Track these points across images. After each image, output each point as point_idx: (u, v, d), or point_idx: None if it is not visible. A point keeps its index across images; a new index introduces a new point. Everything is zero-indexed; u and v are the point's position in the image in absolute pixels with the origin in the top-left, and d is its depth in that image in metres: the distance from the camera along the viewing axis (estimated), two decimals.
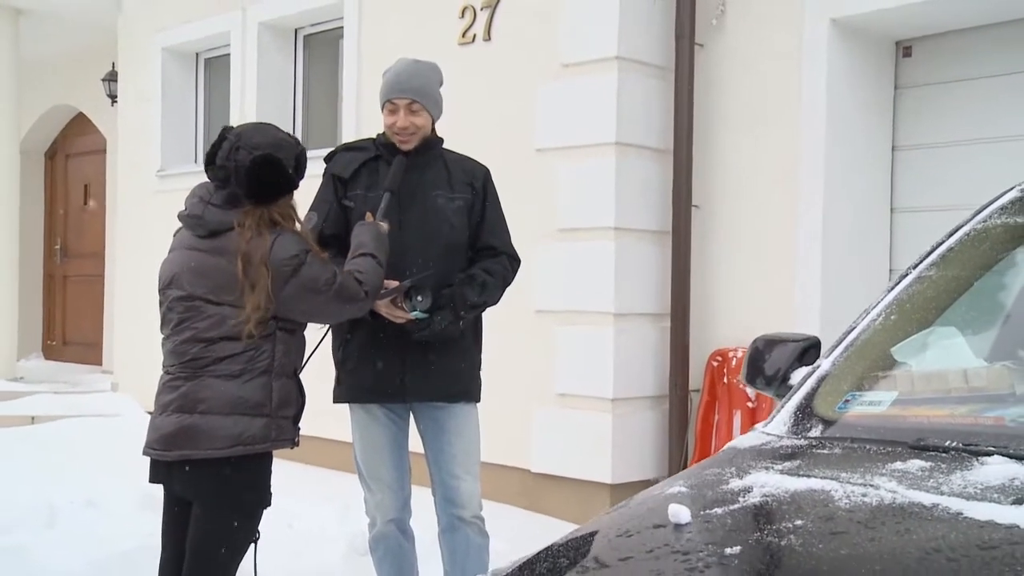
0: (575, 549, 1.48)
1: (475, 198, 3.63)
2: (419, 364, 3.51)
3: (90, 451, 6.27)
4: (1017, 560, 1.18)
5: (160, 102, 8.63)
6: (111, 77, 9.67)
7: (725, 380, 5.42)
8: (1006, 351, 1.96)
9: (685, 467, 5.50)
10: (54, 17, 9.66)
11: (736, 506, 1.48)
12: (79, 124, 11.27)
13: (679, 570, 1.30)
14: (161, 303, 3.20)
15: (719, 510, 1.49)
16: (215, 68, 8.65)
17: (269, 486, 3.19)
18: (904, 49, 5.50)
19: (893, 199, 5.51)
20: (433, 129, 3.67)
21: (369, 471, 3.62)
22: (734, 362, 5.38)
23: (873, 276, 5.42)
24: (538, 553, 1.51)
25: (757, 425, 1.97)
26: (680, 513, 1.48)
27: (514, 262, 3.72)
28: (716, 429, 5.49)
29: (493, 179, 3.73)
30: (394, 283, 3.39)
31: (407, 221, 3.52)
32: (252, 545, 3.20)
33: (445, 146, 3.71)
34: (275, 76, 7.82)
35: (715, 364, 5.48)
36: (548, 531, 5.36)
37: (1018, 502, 1.34)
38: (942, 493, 1.41)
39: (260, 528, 3.20)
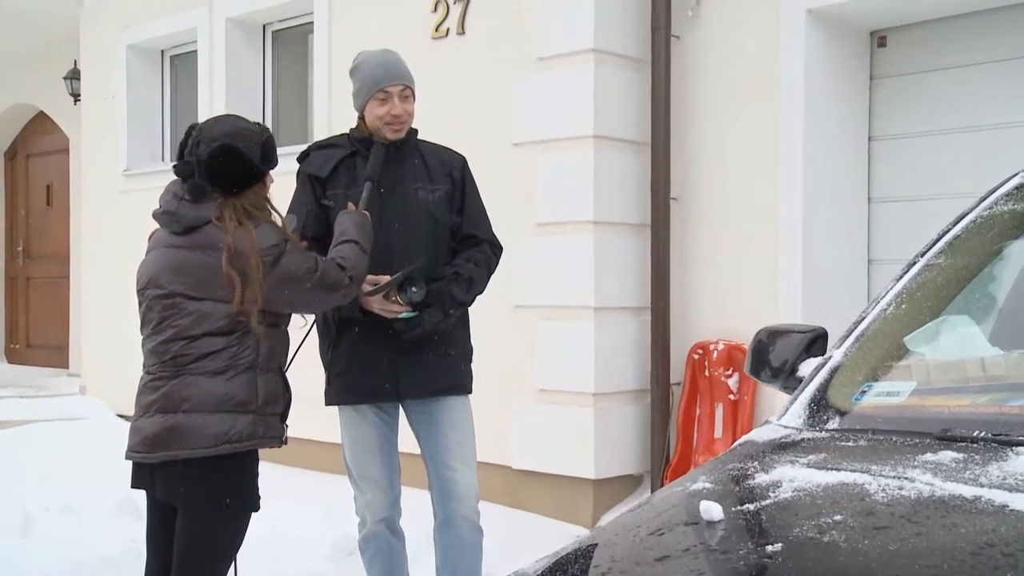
0: (607, 549, 1.44)
1: (454, 188, 3.60)
2: (411, 361, 3.47)
3: (61, 456, 6.16)
4: None
5: (125, 100, 8.49)
6: (73, 75, 9.51)
7: (707, 373, 5.41)
8: (1018, 339, 1.94)
9: (668, 461, 5.49)
10: (11, 12, 9.45)
11: (768, 502, 1.45)
12: (40, 123, 11.07)
13: (723, 569, 1.27)
14: (140, 304, 3.14)
15: (750, 506, 1.46)
16: (182, 65, 8.52)
17: (256, 488, 3.12)
18: (879, 39, 5.51)
19: (870, 189, 5.52)
20: None
21: (359, 471, 3.57)
22: (715, 355, 5.37)
23: (853, 266, 5.43)
24: (568, 554, 1.46)
25: (771, 418, 1.94)
26: (712, 510, 1.44)
27: (496, 249, 3.69)
28: (698, 422, 5.48)
29: (469, 167, 3.70)
30: (385, 278, 3.34)
31: (388, 216, 3.48)
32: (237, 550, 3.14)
33: (420, 138, 3.67)
34: (244, 73, 7.71)
35: (696, 357, 5.47)
36: (532, 528, 5.34)
37: None
38: (982, 485, 1.38)
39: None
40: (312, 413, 3.92)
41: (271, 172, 3.18)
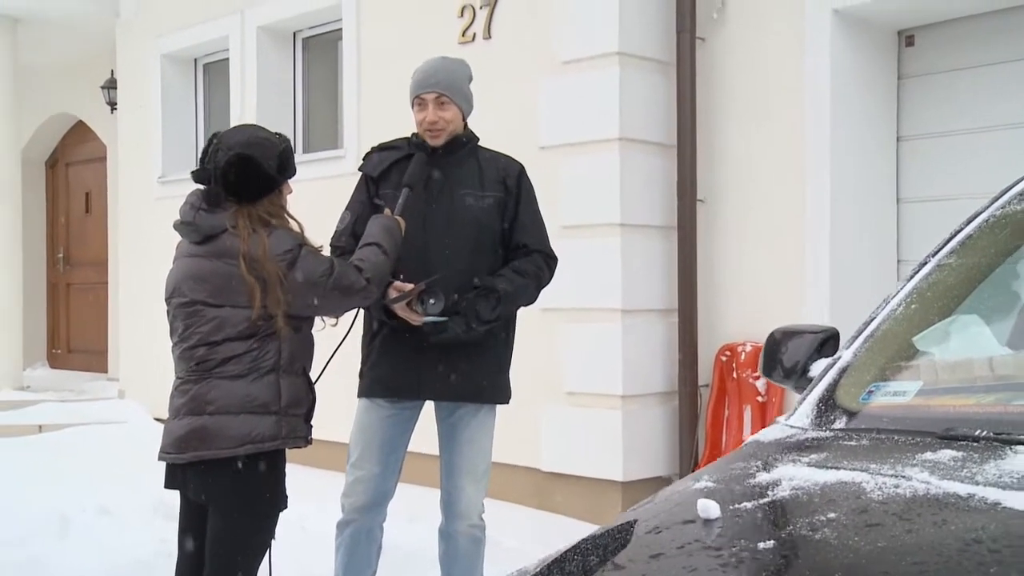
0: (604, 546, 1.47)
1: (507, 196, 3.60)
2: (437, 362, 3.51)
3: (99, 459, 6.26)
4: None
5: (160, 108, 8.62)
6: (110, 84, 9.67)
7: (734, 375, 5.40)
8: None
9: (696, 463, 5.49)
10: (51, 25, 9.63)
11: (765, 500, 1.47)
12: (79, 132, 11.26)
13: (712, 566, 1.29)
14: (168, 312, 3.21)
15: (748, 504, 1.48)
16: (214, 73, 8.64)
17: (284, 487, 3.18)
18: (907, 38, 5.48)
19: (899, 189, 5.49)
20: (466, 126, 3.67)
21: (355, 459, 3.64)
22: (743, 356, 5.37)
23: (881, 267, 5.40)
24: (567, 551, 1.49)
25: (779, 418, 1.95)
26: (710, 508, 1.46)
27: (551, 260, 3.69)
28: (726, 424, 5.48)
29: (528, 176, 3.70)
30: (408, 286, 3.39)
31: (432, 219, 3.52)
32: (267, 547, 3.20)
33: (481, 145, 3.70)
34: (275, 79, 7.80)
35: (724, 359, 5.47)
36: (559, 530, 5.36)
37: None
38: (977, 483, 1.39)
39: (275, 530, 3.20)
40: (342, 415, 3.98)
41: (289, 182, 3.23)
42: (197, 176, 3.16)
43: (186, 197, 3.23)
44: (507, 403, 3.71)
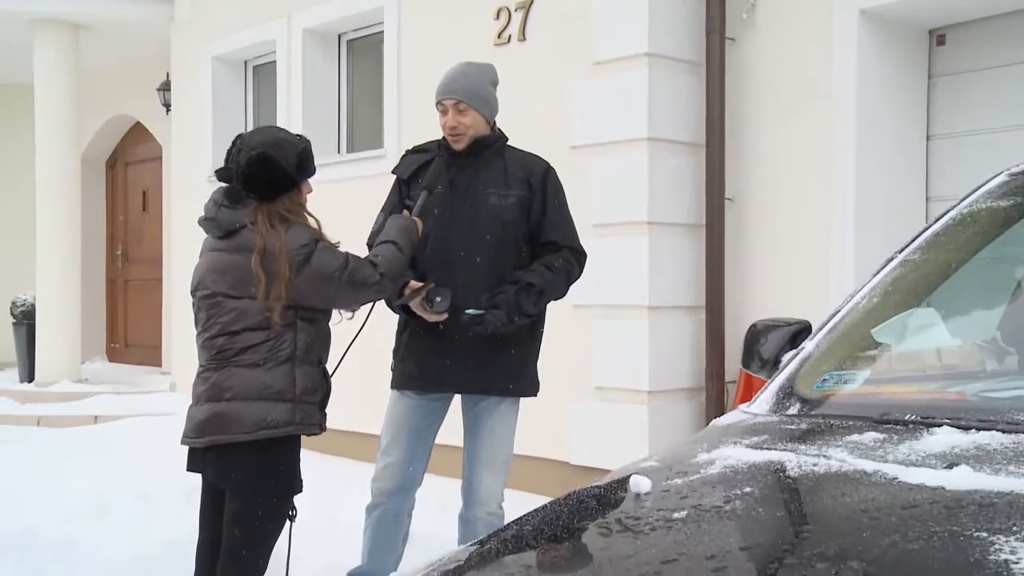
0: (545, 519, 1.57)
1: (532, 194, 3.72)
2: (464, 355, 3.64)
3: (146, 448, 6.49)
4: (932, 517, 1.25)
5: (211, 109, 8.87)
6: (165, 87, 9.97)
7: None
8: (984, 332, 2.00)
9: None
10: (111, 30, 9.97)
11: (696, 477, 1.56)
12: (137, 133, 11.61)
13: (627, 532, 1.38)
14: (193, 304, 3.38)
15: (679, 480, 1.57)
16: (263, 75, 8.87)
17: (298, 471, 3.32)
18: (938, 37, 5.48)
19: (928, 188, 5.49)
20: (494, 128, 3.79)
21: (384, 446, 3.81)
22: None
23: None
24: (511, 522, 1.60)
25: (741, 405, 2.04)
26: (641, 483, 1.56)
27: (579, 255, 3.81)
28: None
29: (556, 174, 3.81)
30: (418, 284, 3.54)
31: (458, 219, 3.66)
32: (288, 525, 3.35)
33: (510, 145, 3.82)
34: (320, 81, 7.99)
35: None
36: None
37: (950, 467, 1.40)
38: (886, 461, 1.47)
39: (299, 510, 3.35)
40: (371, 406, 4.13)
41: (309, 181, 3.37)
42: (220, 175, 3.33)
43: (211, 194, 3.40)
44: (534, 396, 3.82)
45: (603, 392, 5.73)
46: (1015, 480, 1.31)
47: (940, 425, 1.58)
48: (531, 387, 3.81)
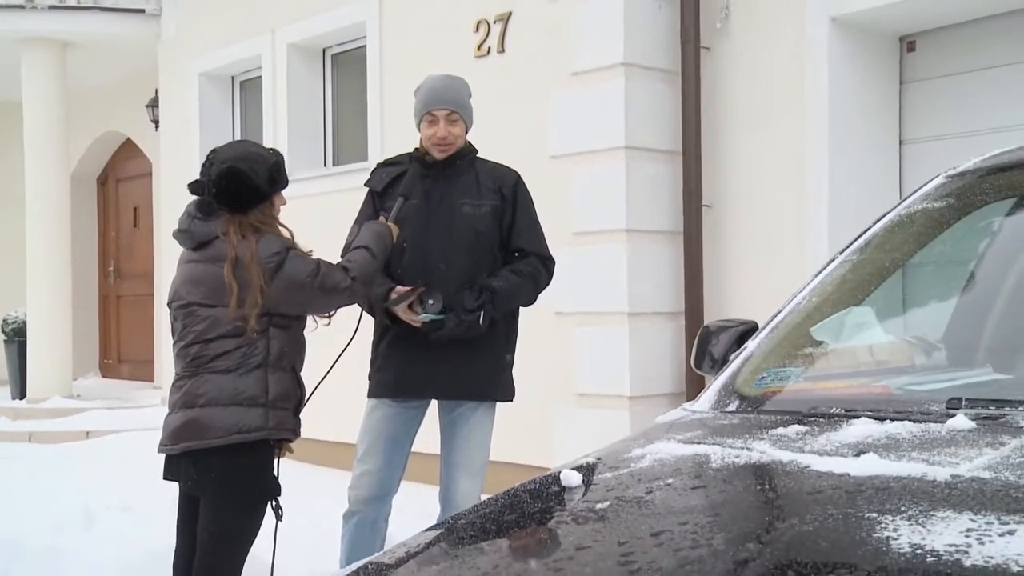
0: (476, 515, 1.63)
1: (504, 203, 3.81)
2: (440, 362, 3.71)
3: (133, 461, 6.53)
4: (832, 501, 1.31)
5: (199, 124, 8.95)
6: (153, 103, 10.04)
7: None
8: (916, 329, 2.07)
9: None
10: (99, 48, 10.05)
11: (624, 471, 1.63)
12: (127, 149, 11.69)
13: (550, 521, 1.45)
14: (170, 316, 3.45)
15: (608, 474, 1.64)
16: (250, 90, 8.94)
17: (272, 477, 3.37)
18: (908, 44, 5.55)
19: (902, 192, 5.55)
20: (466, 140, 3.87)
21: (360, 454, 3.85)
22: None
23: None
24: (445, 520, 1.67)
25: (685, 403, 2.10)
26: (571, 477, 1.63)
27: (547, 262, 3.89)
28: None
29: (525, 184, 3.89)
30: (406, 289, 3.60)
31: (433, 228, 3.73)
32: (275, 525, 3.40)
33: (481, 157, 3.90)
34: (305, 95, 8.07)
35: None
36: None
37: (858, 455, 1.46)
38: (802, 451, 1.53)
39: (284, 512, 3.39)
40: (351, 416, 4.18)
41: (283, 193, 3.44)
42: (193, 188, 3.40)
43: (185, 207, 3.47)
44: (510, 400, 3.89)
45: (585, 398, 5.79)
46: (914, 465, 1.37)
47: (859, 417, 1.64)
48: (507, 392, 3.88)
